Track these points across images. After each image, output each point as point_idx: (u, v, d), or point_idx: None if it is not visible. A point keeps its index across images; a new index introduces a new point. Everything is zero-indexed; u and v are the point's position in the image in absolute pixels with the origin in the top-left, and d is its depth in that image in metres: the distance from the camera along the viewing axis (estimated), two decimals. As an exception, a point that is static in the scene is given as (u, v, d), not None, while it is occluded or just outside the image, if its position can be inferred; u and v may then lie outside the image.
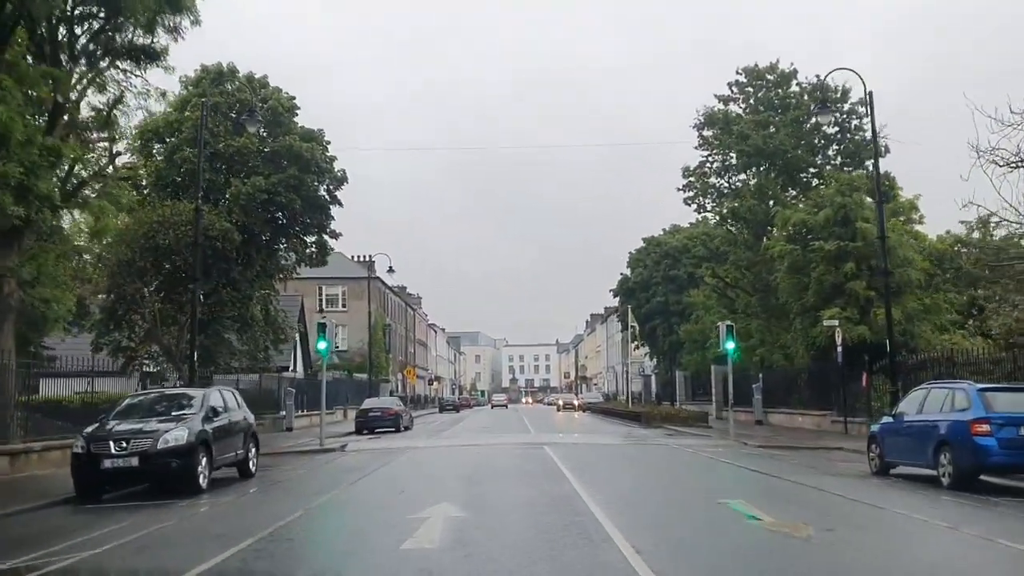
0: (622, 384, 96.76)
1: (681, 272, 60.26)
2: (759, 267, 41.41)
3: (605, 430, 37.53)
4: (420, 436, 34.58)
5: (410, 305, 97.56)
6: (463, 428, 41.89)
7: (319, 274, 78.29)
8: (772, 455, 23.03)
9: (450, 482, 16.21)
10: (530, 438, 30.62)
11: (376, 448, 26.99)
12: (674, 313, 59.88)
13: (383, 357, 74.34)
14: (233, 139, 33.93)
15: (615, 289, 65.54)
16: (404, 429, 40.93)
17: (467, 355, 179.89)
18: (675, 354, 59.75)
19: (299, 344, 51.10)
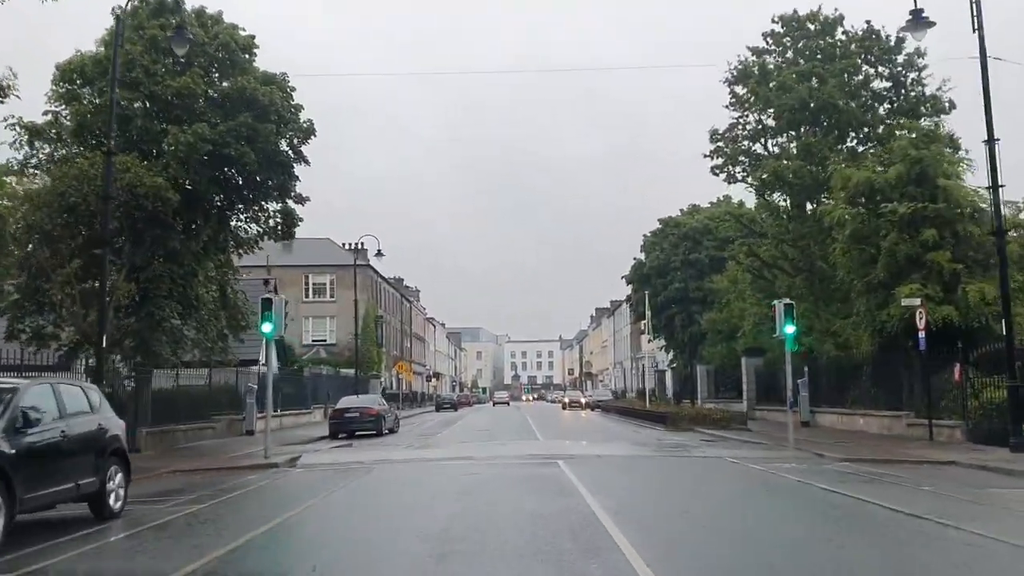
0: (631, 380, 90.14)
1: (702, 256, 53.65)
2: (807, 240, 34.79)
3: (627, 435, 30.91)
4: (403, 442, 28.04)
5: (406, 297, 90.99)
6: (457, 432, 35.27)
7: (305, 261, 72.01)
8: (872, 475, 16.42)
9: (405, 550, 9.40)
10: (538, 447, 23.94)
11: (335, 463, 20.38)
12: (694, 301, 53.26)
13: (374, 351, 67.82)
14: (173, 79, 27.32)
15: (628, 275, 58.86)
16: (387, 432, 34.42)
17: (468, 351, 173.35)
18: (695, 346, 53.14)
19: (272, 334, 44.42)
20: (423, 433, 34.48)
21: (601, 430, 35.21)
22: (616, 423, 41.39)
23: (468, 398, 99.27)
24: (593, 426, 39.47)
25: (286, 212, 31.79)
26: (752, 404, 42.07)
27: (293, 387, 44.48)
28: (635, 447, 23.72)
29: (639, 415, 42.98)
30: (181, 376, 30.24)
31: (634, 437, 29.01)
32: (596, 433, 32.68)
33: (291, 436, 32.51)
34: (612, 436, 30.35)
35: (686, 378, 55.92)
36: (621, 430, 34.54)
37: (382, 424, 33.41)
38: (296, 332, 67.07)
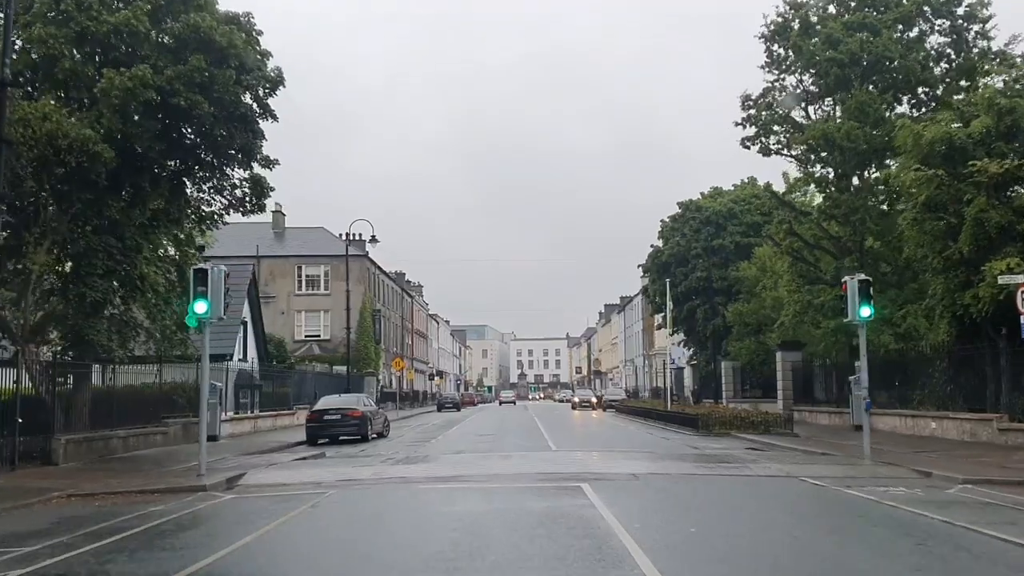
0: (643, 379, 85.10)
1: (727, 242, 48.67)
2: (859, 215, 29.80)
3: (655, 442, 25.93)
4: (388, 452, 23.11)
5: (407, 291, 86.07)
6: (455, 437, 30.33)
7: (298, 251, 67.29)
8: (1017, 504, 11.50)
9: None
10: (552, 461, 18.86)
11: (284, 485, 15.30)
12: (718, 291, 48.29)
13: (371, 348, 62.96)
14: (110, 14, 22.43)
15: (644, 264, 53.85)
16: (375, 436, 29.61)
17: (473, 349, 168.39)
18: (719, 341, 48.17)
19: (251, 327, 39.59)
20: (416, 439, 29.58)
21: (622, 436, 30.22)
22: (636, 426, 36.36)
23: (472, 397, 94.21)
24: (611, 430, 34.47)
25: (255, 180, 26.85)
26: (789, 404, 37.07)
27: (276, 385, 39.64)
28: (675, 462, 18.54)
29: (660, 417, 37.97)
30: (132, 373, 25.42)
31: (665, 445, 24.01)
32: (618, 439, 27.71)
33: (259, 442, 27.67)
34: (638, 443, 25.39)
35: (707, 376, 50.94)
36: (646, 436, 29.54)
37: (367, 428, 28.57)
38: (288, 327, 62.31)
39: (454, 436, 30.46)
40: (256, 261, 64.04)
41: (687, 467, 17.25)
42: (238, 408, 36.17)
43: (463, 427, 37.73)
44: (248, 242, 64.47)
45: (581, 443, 25.75)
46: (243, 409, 37.07)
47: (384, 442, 28.18)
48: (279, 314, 62.83)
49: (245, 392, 37.55)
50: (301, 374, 42.62)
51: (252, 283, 39.17)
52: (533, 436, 29.18)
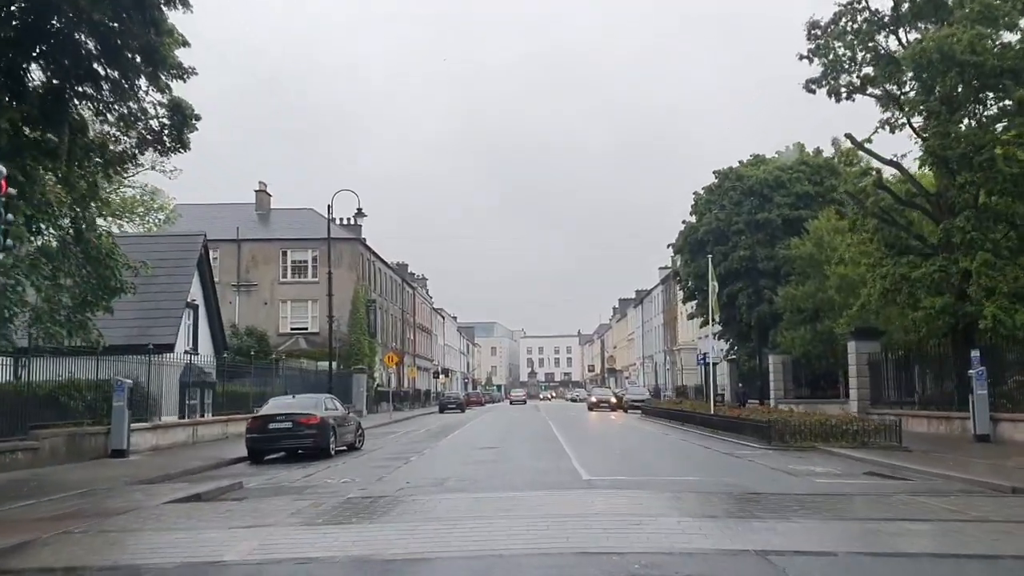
0: (665, 376, 77.30)
1: (773, 215, 40.92)
2: (987, 154, 21.96)
3: (732, 466, 18.03)
4: (334, 484, 15.36)
5: (408, 282, 78.42)
6: (446, 452, 22.45)
7: (283, 234, 59.72)
8: None
9: None
10: (593, 514, 10.31)
11: (80, 569, 7.68)
12: (764, 273, 40.54)
13: (365, 342, 55.34)
14: None
15: (675, 243, 45.98)
16: (343, 449, 22.12)
17: (482, 347, 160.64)
18: (765, 331, 40.41)
19: (203, 312, 31.94)
20: (393, 454, 21.87)
21: (673, 451, 22.33)
22: (678, 435, 28.49)
23: (479, 397, 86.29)
24: (652, 441, 26.57)
25: (175, 105, 19.32)
26: (865, 405, 29.32)
27: (237, 383, 32.13)
28: (823, 520, 10.19)
29: (705, 422, 30.18)
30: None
31: (754, 473, 16.11)
32: (672, 459, 19.80)
33: (185, 459, 20.09)
34: (709, 468, 17.55)
35: (750, 371, 43.12)
36: (704, 452, 21.63)
37: (329, 439, 20.95)
38: (272, 319, 54.77)
39: (444, 450, 22.73)
40: (236, 245, 56.76)
41: (867, 535, 9.36)
42: (184, 411, 28.70)
43: (461, 435, 30.03)
44: (227, 224, 57.01)
45: (624, 465, 17.86)
46: (191, 412, 29.60)
47: (350, 459, 20.54)
48: (262, 304, 55.35)
49: (194, 391, 30.05)
50: (268, 370, 34.95)
51: (203, 259, 31.50)
52: (550, 451, 21.37)
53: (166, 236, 34.21)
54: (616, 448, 23.16)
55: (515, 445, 23.43)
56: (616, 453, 21.34)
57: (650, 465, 18.08)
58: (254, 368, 33.22)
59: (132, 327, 27.86)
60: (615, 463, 18.29)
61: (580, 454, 19.86)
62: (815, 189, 41.39)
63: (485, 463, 18.03)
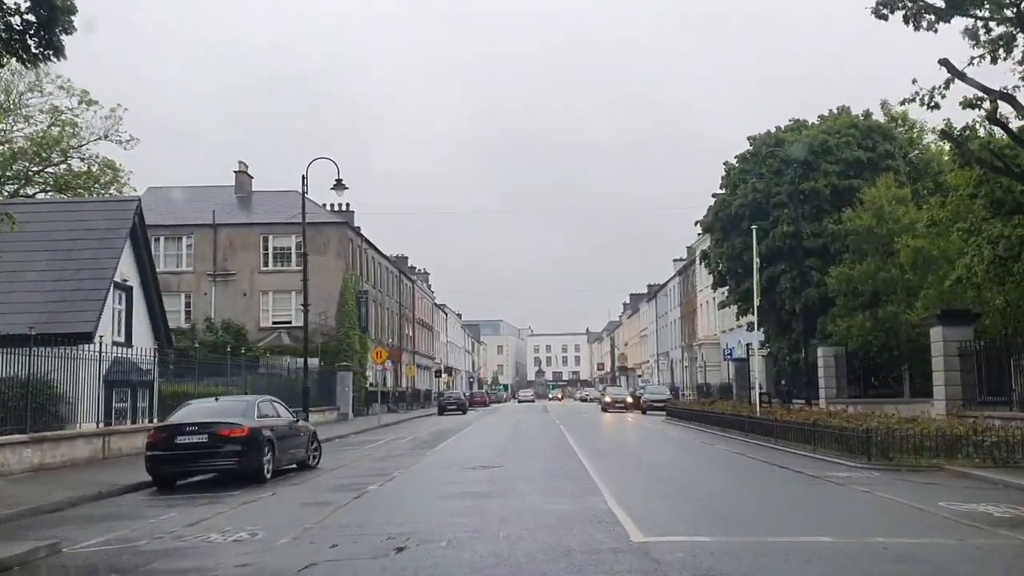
0: (681, 374, 71.13)
1: (820, 184, 34.79)
2: None
3: (826, 493, 12.07)
4: (219, 536, 9.36)
5: (406, 275, 72.37)
6: (423, 478, 16.11)
7: (264, 218, 53.76)
8: None
9: None
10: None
11: None
12: (811, 252, 34.39)
13: (355, 337, 49.34)
14: None
15: (704, 219, 39.74)
16: (291, 467, 16.23)
17: (488, 345, 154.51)
18: (812, 320, 34.24)
19: (140, 296, 25.89)
20: (350, 479, 15.75)
21: (741, 476, 15.97)
22: (729, 446, 22.28)
23: (483, 397, 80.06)
24: (699, 457, 20.25)
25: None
26: (956, 406, 23.16)
27: (188, 382, 26.23)
28: None
29: (752, 428, 24.10)
30: None
31: (892, 515, 10.05)
32: (751, 492, 13.36)
33: (51, 488, 14.02)
34: (806, 504, 11.49)
35: (791, 366, 36.91)
36: (783, 475, 15.30)
37: (263, 457, 14.97)
38: (252, 312, 48.82)
39: (423, 472, 16.56)
40: (212, 230, 50.81)
41: None
42: (110, 416, 22.79)
43: (454, 445, 23.95)
44: (204, 207, 51.16)
45: (684, 504, 11.44)
46: (121, 417, 23.68)
47: (287, 487, 14.52)
48: (240, 295, 49.38)
49: (123, 392, 24.14)
50: (232, 367, 28.99)
51: (139, 230, 25.47)
52: (568, 475, 15.15)
53: (90, 202, 28.22)
54: (656, 468, 17.00)
55: (519, 463, 17.30)
56: (660, 478, 15.16)
57: (719, 502, 11.94)
58: (198, 365, 27.18)
59: (41, 312, 21.99)
60: (668, 500, 12.12)
61: (612, 481, 13.73)
62: (867, 155, 35.28)
63: (474, 499, 11.94)
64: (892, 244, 30.33)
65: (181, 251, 50.30)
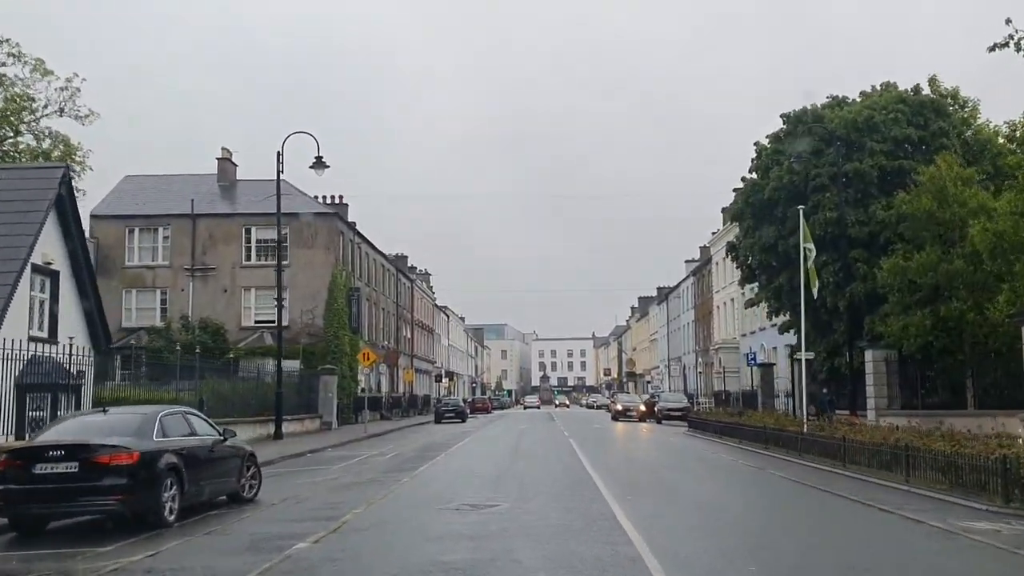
0: (695, 381, 66.56)
1: (866, 165, 30.27)
2: None
3: (981, 565, 7.57)
4: None
5: (405, 274, 67.95)
6: (389, 521, 11.64)
7: (247, 208, 49.44)
8: None
9: None
10: None
11: None
12: (856, 242, 29.89)
13: (344, 338, 44.91)
14: None
15: (732, 206, 35.09)
16: (220, 500, 11.70)
17: (492, 350, 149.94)
18: (858, 319, 29.74)
19: (71, 287, 21.38)
20: (285, 524, 11.17)
21: (831, 528, 11.03)
22: (782, 471, 17.58)
23: (485, 403, 75.49)
24: (761, 490, 15.39)
25: None
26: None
27: (131, 387, 21.85)
28: None
29: (807, 448, 19.59)
30: None
31: None
32: (866, 565, 9.10)
33: None
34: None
35: (832, 372, 32.38)
36: (887, 525, 10.69)
37: (159, 494, 10.56)
38: (233, 310, 44.40)
39: (383, 518, 11.71)
40: (191, 221, 46.46)
41: None
42: (23, 428, 18.46)
43: (439, 468, 19.39)
44: (182, 196, 46.81)
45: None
46: (35, 428, 19.28)
47: (202, 537, 10.08)
48: (221, 292, 44.96)
49: (42, 399, 19.78)
50: (168, 367, 24.60)
51: (66, 203, 20.90)
52: (593, 530, 10.36)
53: (3, 169, 23.79)
54: (711, 512, 12.31)
55: (521, 502, 12.66)
56: (719, 529, 10.50)
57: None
58: (146, 366, 22.84)
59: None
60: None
61: (658, 539, 9.19)
62: (918, 133, 30.79)
63: (463, 547, 7.44)
64: (957, 231, 25.90)
65: (157, 243, 45.97)
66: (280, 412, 29.57)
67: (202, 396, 24.18)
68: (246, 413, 28.65)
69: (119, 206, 46.95)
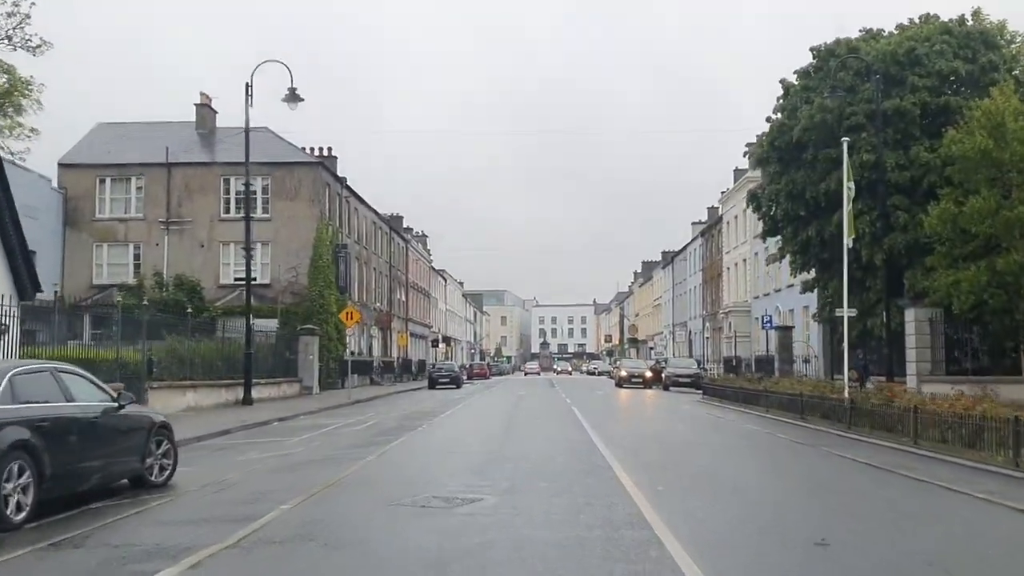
0: (701, 346, 63.38)
1: (908, 102, 26.77)
2: None
3: None
4: None
5: (399, 233, 64.48)
6: (336, 515, 8.60)
7: (226, 157, 45.75)
8: None
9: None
10: None
11: None
12: (897, 187, 26.48)
13: (331, 297, 41.57)
14: None
15: (754, 149, 31.48)
16: (115, 486, 8.32)
17: (491, 316, 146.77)
18: (898, 273, 26.41)
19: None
20: (166, 534, 7.99)
21: (964, 547, 7.99)
22: (840, 447, 14.31)
23: (482, 368, 72.30)
24: (817, 479, 12.04)
25: None
26: None
27: (76, 345, 18.55)
28: None
29: (865, 419, 16.34)
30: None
31: None
32: None
33: None
34: None
35: (864, 334, 29.02)
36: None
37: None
38: (210, 267, 40.98)
39: (327, 517, 8.60)
40: (166, 171, 42.95)
41: None
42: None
43: (418, 442, 16.05)
44: (159, 145, 43.26)
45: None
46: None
47: (52, 555, 6.83)
48: (198, 247, 41.57)
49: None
50: (108, 318, 21.32)
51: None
52: (619, 542, 7.39)
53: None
54: (761, 504, 9.12)
55: (514, 495, 9.25)
56: (783, 534, 7.31)
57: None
58: (58, 319, 19.56)
59: None
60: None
61: (707, 552, 5.96)
62: (966, 67, 27.24)
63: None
64: (1017, 173, 22.48)
65: (130, 194, 42.51)
66: (249, 375, 26.35)
67: (150, 356, 20.88)
68: (211, 376, 25.41)
69: (90, 154, 43.44)
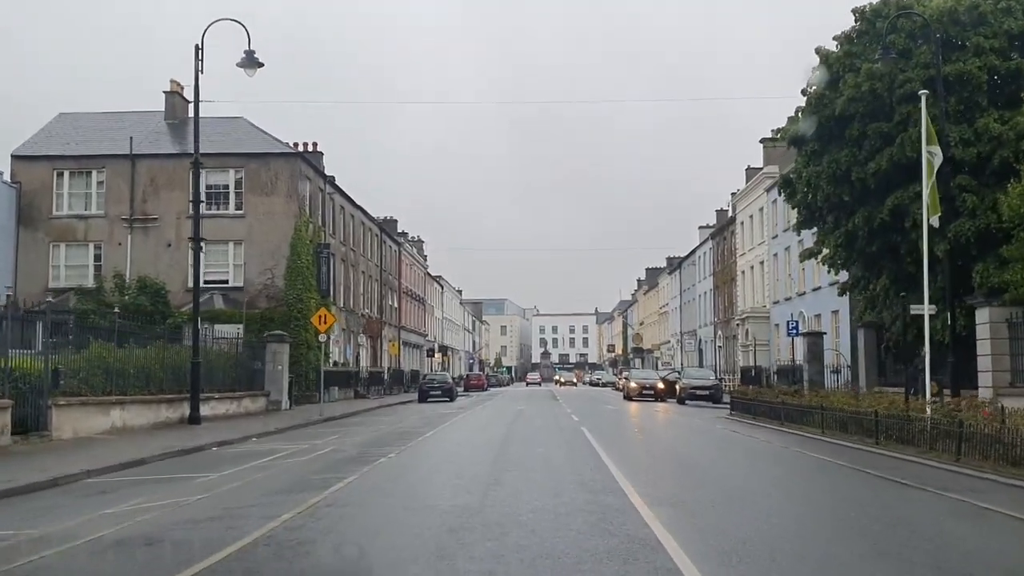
0: (715, 355, 59.02)
1: (972, 67, 22.56)
2: None
3: None
4: None
5: (392, 236, 60.29)
6: None
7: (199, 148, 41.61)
8: None
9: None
10: None
11: None
12: (962, 166, 22.27)
13: (310, 300, 37.33)
14: None
15: (792, 126, 27.07)
16: None
17: (491, 325, 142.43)
18: (966, 266, 22.20)
19: None
20: None
21: None
22: (985, 502, 10.25)
23: (479, 379, 67.83)
24: None
25: None
26: None
27: None
28: None
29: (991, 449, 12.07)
30: None
31: None
32: None
33: None
34: None
35: (915, 339, 24.69)
36: None
37: None
38: (178, 267, 36.67)
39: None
40: (130, 163, 38.79)
41: None
42: None
43: (368, 485, 11.76)
44: (122, 136, 39.19)
45: None
46: None
47: None
48: (164, 247, 37.42)
49: None
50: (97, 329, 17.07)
51: None
52: None
53: None
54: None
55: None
56: None
57: None
58: None
59: None
60: None
61: None
62: (1043, 25, 23.08)
63: None
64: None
65: (90, 189, 38.38)
66: (197, 389, 22.05)
67: (56, 367, 16.61)
68: (151, 390, 21.14)
69: (47, 145, 39.37)
